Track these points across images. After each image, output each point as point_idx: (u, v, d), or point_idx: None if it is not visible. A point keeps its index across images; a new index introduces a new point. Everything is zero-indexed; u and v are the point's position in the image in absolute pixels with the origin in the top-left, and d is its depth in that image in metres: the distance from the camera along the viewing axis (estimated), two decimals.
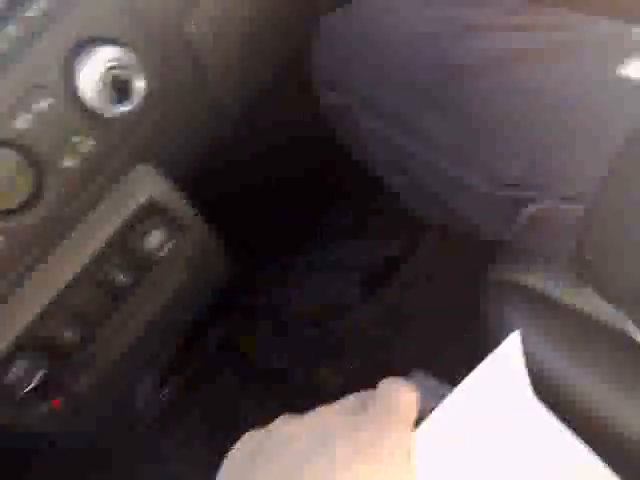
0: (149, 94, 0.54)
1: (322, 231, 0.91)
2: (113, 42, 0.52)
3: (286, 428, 0.35)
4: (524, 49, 0.51)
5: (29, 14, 0.50)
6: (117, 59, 0.52)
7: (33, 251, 0.55)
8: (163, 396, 0.96)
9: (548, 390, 0.37)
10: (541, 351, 0.53)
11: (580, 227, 0.47)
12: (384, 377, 0.36)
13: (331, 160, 0.76)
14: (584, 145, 0.47)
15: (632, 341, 0.51)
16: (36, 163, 0.51)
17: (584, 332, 0.55)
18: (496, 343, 0.34)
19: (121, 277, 0.60)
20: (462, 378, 0.34)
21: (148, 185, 0.59)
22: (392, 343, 0.89)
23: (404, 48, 0.56)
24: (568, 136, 0.48)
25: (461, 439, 0.33)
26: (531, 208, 0.49)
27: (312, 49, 0.63)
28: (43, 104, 0.50)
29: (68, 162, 0.53)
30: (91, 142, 0.54)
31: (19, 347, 0.55)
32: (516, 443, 0.34)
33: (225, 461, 0.36)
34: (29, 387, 0.56)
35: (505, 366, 0.34)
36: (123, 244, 0.59)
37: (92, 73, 0.51)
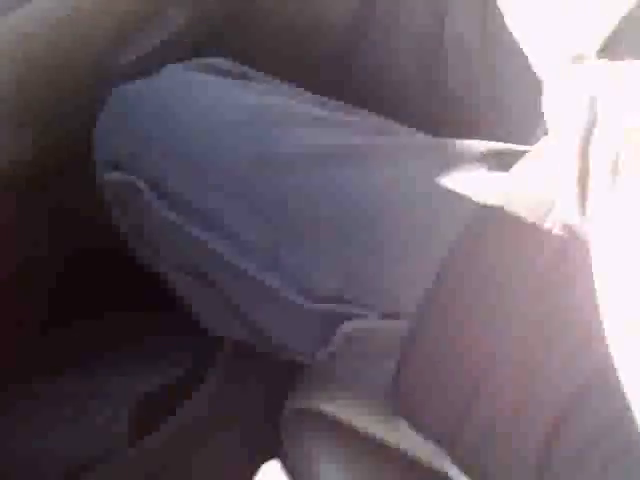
0: None
1: (75, 350, 0.70)
2: None
3: None
4: (345, 148, 0.48)
5: None
6: None
7: None
8: None
9: None
10: None
11: (401, 348, 0.43)
12: None
13: (102, 251, 0.62)
14: (408, 256, 0.44)
15: None
16: None
17: (393, 469, 0.51)
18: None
19: None
20: None
21: None
22: None
23: (209, 133, 0.50)
24: (391, 246, 0.44)
25: None
26: (348, 326, 0.44)
27: (97, 120, 0.54)
28: None
29: None
30: None
31: None
32: None
33: None
34: None
35: None
36: None
37: None
